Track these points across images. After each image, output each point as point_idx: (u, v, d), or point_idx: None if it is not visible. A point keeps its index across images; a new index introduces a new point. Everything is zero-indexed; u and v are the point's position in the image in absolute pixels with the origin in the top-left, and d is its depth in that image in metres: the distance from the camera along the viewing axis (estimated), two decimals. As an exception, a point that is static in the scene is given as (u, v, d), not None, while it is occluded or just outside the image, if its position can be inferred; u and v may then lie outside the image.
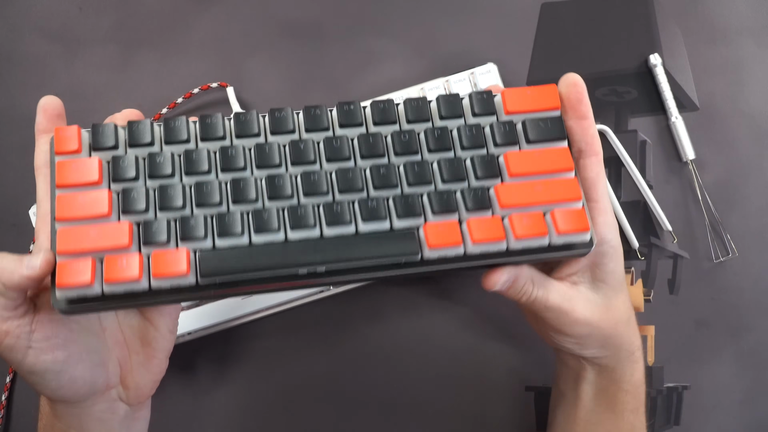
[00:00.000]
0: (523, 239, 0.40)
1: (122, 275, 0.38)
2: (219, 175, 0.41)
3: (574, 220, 0.41)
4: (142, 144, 0.41)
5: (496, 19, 0.62)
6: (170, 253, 0.39)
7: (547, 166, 0.42)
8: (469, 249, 0.41)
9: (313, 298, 0.58)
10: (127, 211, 0.39)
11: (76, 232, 0.38)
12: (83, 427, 0.43)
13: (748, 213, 0.60)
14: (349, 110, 0.42)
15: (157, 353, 0.44)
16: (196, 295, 0.40)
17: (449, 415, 0.58)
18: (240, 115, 0.42)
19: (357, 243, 0.40)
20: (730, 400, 0.58)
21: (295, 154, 0.41)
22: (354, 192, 0.41)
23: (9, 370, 0.57)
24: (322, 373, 0.58)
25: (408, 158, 0.42)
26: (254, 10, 0.63)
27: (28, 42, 0.62)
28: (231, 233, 0.39)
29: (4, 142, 0.61)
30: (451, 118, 0.43)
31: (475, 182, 0.42)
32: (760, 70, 0.62)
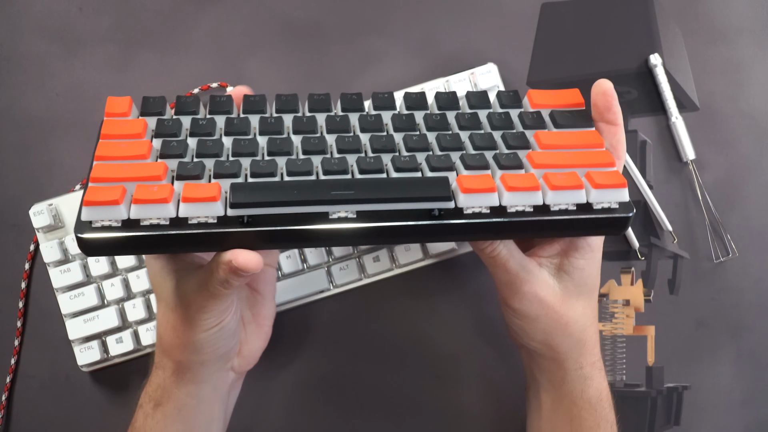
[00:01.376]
0: (559, 191, 0.39)
1: (151, 196, 0.37)
2: (258, 137, 0.43)
3: (610, 177, 0.40)
4: (188, 112, 0.44)
5: (496, 19, 0.62)
6: (202, 184, 0.39)
7: (577, 142, 0.42)
8: (504, 199, 0.39)
9: (313, 299, 0.58)
10: (165, 155, 0.40)
11: (113, 167, 0.39)
12: (200, 395, 0.46)
13: (748, 213, 0.60)
14: (384, 97, 0.45)
15: (265, 320, 0.49)
16: (223, 234, 0.38)
17: (449, 415, 0.58)
18: (282, 96, 0.45)
19: (389, 184, 0.39)
20: (730, 400, 0.59)
21: (331, 124, 0.43)
22: (387, 152, 0.42)
23: (9, 369, 0.58)
24: (322, 373, 0.58)
25: (440, 132, 0.43)
26: (254, 10, 0.63)
27: (28, 42, 0.62)
28: (264, 174, 0.39)
29: (4, 142, 0.61)
30: (480, 108, 0.45)
31: (506, 150, 0.42)
32: (760, 70, 0.62)
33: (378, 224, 0.39)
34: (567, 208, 0.40)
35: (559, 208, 0.40)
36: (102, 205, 0.37)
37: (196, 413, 0.46)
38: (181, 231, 0.38)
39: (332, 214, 0.38)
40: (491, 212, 0.39)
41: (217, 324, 0.43)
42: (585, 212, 0.40)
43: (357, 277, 0.57)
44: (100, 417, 0.58)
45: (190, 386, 0.45)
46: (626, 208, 0.40)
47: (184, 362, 0.45)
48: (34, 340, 0.58)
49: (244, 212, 0.38)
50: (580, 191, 0.40)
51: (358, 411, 0.58)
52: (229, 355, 0.46)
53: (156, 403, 0.46)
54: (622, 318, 0.59)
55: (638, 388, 0.59)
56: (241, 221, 0.38)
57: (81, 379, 0.58)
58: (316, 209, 0.38)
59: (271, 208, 0.38)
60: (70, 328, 0.56)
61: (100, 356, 0.56)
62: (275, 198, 0.38)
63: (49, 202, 0.56)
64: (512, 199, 0.39)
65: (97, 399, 0.58)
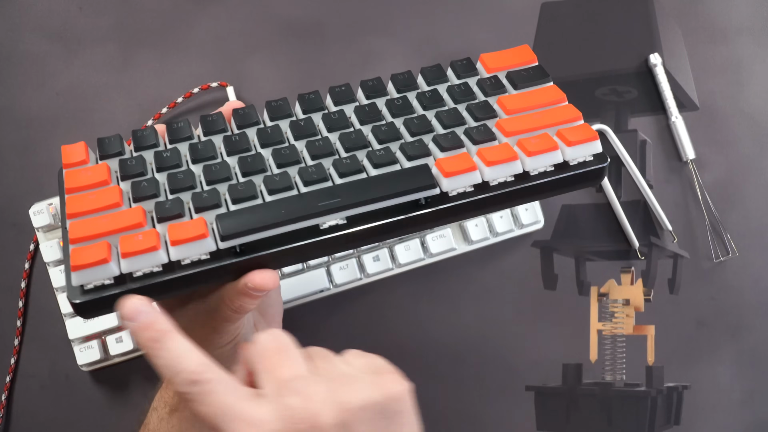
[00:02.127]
0: (536, 156, 0.40)
1: (139, 247, 0.36)
2: (227, 159, 0.42)
3: (581, 132, 0.41)
4: (147, 146, 0.42)
5: (496, 19, 0.62)
6: (186, 223, 0.38)
7: (540, 101, 0.43)
8: (486, 174, 0.40)
9: (313, 298, 0.58)
10: (138, 198, 0.39)
11: (89, 222, 0.38)
12: None
13: (748, 213, 0.60)
14: (341, 90, 0.45)
15: (275, 318, 0.48)
16: (220, 268, 0.37)
17: (449, 415, 0.58)
18: (239, 110, 0.44)
19: (372, 184, 0.39)
20: (730, 400, 0.58)
21: (296, 130, 0.42)
22: (360, 148, 0.41)
23: (9, 369, 0.58)
24: (322, 373, 0.58)
25: (406, 117, 0.43)
26: (254, 10, 0.63)
27: (28, 42, 0.62)
28: (245, 198, 0.38)
29: (4, 142, 0.61)
30: (438, 82, 0.45)
31: (474, 123, 0.43)
32: (760, 70, 0.62)
33: (369, 225, 0.39)
34: (546, 170, 0.41)
35: (538, 172, 0.41)
36: (91, 266, 0.36)
37: None
38: (177, 275, 0.37)
39: (323, 224, 0.38)
40: (475, 190, 0.40)
41: (231, 341, 0.43)
42: (564, 171, 0.41)
43: (357, 277, 0.57)
44: (100, 417, 0.58)
45: None
46: (601, 159, 0.41)
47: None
48: (34, 340, 0.58)
49: (235, 242, 0.37)
50: (556, 152, 0.41)
51: (358, 411, 0.58)
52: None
53: (172, 408, 0.45)
54: (622, 317, 0.59)
55: (638, 388, 0.59)
56: (234, 251, 0.38)
57: (81, 379, 0.58)
58: (306, 224, 0.38)
59: (262, 233, 0.37)
60: (70, 328, 0.56)
61: (100, 356, 0.56)
62: (264, 222, 0.37)
63: (49, 202, 0.56)
64: (493, 173, 0.40)
65: (97, 399, 0.58)
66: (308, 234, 0.38)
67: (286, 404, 0.33)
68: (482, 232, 0.57)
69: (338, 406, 0.33)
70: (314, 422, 0.33)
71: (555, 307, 0.59)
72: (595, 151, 0.41)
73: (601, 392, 0.59)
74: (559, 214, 0.60)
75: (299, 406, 0.33)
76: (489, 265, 0.60)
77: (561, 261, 0.60)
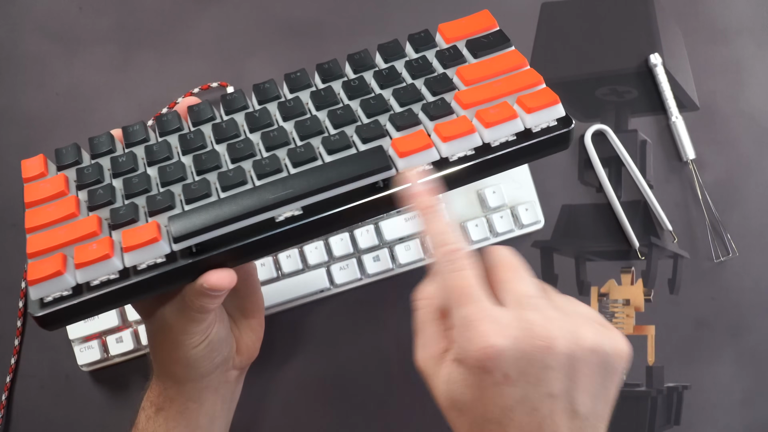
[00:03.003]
0: (494, 126, 0.38)
1: (92, 257, 0.36)
2: (182, 158, 0.41)
3: (542, 97, 0.39)
4: (103, 152, 0.42)
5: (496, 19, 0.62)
6: (139, 228, 0.37)
7: (500, 67, 0.41)
8: (443, 151, 0.39)
9: (313, 298, 0.58)
10: (93, 206, 0.39)
11: (46, 236, 0.38)
12: (201, 398, 0.45)
13: (748, 213, 0.60)
14: (296, 77, 0.44)
15: (255, 312, 0.49)
16: (176, 270, 0.37)
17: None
18: (194, 106, 0.43)
19: (326, 170, 0.38)
20: (730, 400, 0.58)
21: (252, 122, 0.42)
22: (314, 135, 0.40)
23: (9, 369, 0.58)
24: (322, 373, 0.58)
25: (362, 98, 0.42)
26: (254, 10, 0.63)
27: (28, 42, 0.62)
28: (198, 197, 0.38)
29: (4, 142, 0.61)
30: (396, 59, 0.44)
31: (432, 98, 0.41)
32: (760, 70, 0.62)
33: (326, 213, 0.38)
34: (508, 140, 0.39)
35: (499, 142, 0.39)
36: (47, 280, 0.36)
37: (198, 415, 0.46)
38: (134, 280, 0.37)
39: (278, 217, 0.38)
40: (434, 167, 0.39)
41: (203, 340, 0.43)
42: (527, 139, 0.39)
43: (357, 277, 0.57)
44: (100, 417, 0.58)
45: (192, 392, 0.45)
46: (565, 122, 0.39)
47: (184, 375, 0.44)
48: (34, 340, 0.58)
49: (190, 243, 0.37)
50: (515, 121, 0.39)
51: (358, 411, 0.58)
52: (227, 358, 0.46)
53: (158, 407, 0.46)
54: (623, 317, 0.59)
55: (638, 388, 0.59)
56: (190, 252, 0.37)
57: (81, 379, 0.58)
58: (260, 218, 0.37)
59: (216, 231, 0.37)
60: (70, 328, 0.56)
61: (100, 356, 0.56)
62: (216, 220, 0.36)
63: (49, 202, 0.56)
64: (451, 148, 0.39)
65: (97, 399, 0.58)
66: (264, 227, 0.37)
67: (527, 317, 0.34)
68: (482, 232, 0.57)
69: (573, 338, 0.34)
70: (550, 343, 0.33)
71: (555, 307, 0.59)
72: (558, 115, 0.40)
73: (601, 392, 0.59)
74: (559, 215, 0.60)
75: (539, 324, 0.34)
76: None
77: (561, 261, 0.60)
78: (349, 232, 0.57)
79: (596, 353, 0.34)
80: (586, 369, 0.34)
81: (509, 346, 0.33)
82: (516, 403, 0.33)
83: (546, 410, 0.33)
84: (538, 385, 0.33)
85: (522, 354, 0.33)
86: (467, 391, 0.34)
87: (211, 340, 0.43)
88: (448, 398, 0.35)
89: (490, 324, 0.33)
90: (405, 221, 0.57)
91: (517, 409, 0.33)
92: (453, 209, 0.58)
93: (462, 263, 0.35)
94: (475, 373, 0.33)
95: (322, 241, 0.57)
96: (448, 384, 0.35)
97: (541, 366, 0.33)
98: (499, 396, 0.33)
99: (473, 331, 0.33)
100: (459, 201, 0.58)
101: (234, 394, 0.50)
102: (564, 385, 0.33)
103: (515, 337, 0.33)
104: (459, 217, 0.58)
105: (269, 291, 0.56)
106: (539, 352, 0.33)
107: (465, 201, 0.58)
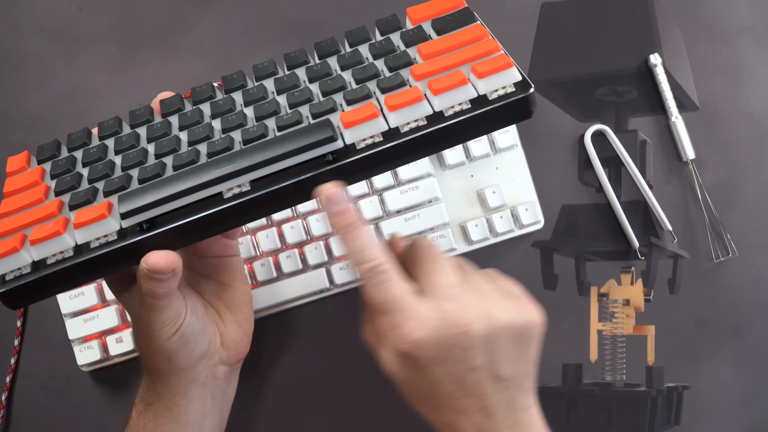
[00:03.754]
0: (443, 93, 0.38)
1: (45, 233, 0.37)
2: (147, 146, 0.42)
3: (495, 62, 0.38)
4: (78, 146, 0.43)
5: (496, 19, 0.62)
6: (91, 207, 0.38)
7: (461, 40, 0.41)
8: (391, 120, 0.38)
9: (313, 299, 0.58)
10: (59, 191, 0.40)
11: (12, 219, 0.40)
12: (189, 394, 0.46)
13: (748, 213, 0.60)
14: (262, 66, 0.45)
15: (241, 307, 0.49)
16: (126, 247, 0.38)
17: (449, 415, 0.58)
18: (165, 100, 0.45)
19: (272, 144, 0.38)
20: (730, 400, 0.58)
21: (215, 109, 0.43)
22: (270, 116, 0.40)
23: (9, 369, 0.58)
24: (322, 373, 0.58)
25: (321, 80, 0.42)
26: (254, 10, 0.63)
27: (28, 42, 0.62)
28: (151, 177, 0.39)
29: (4, 142, 0.61)
30: (360, 43, 0.44)
31: (389, 74, 0.41)
32: (760, 70, 0.62)
33: (275, 187, 0.38)
34: (462, 108, 0.38)
35: (453, 111, 0.38)
36: (4, 256, 0.37)
37: (187, 411, 0.46)
38: (87, 256, 0.38)
39: (226, 192, 0.38)
40: (384, 138, 0.38)
41: (175, 332, 0.43)
42: (482, 105, 0.38)
43: (357, 277, 0.57)
44: (100, 417, 0.58)
45: (177, 387, 0.45)
46: (523, 87, 0.38)
47: (165, 368, 0.45)
48: (34, 340, 0.58)
49: (138, 219, 0.37)
50: (466, 86, 0.38)
51: (358, 411, 0.58)
52: (209, 351, 0.46)
53: (147, 403, 0.46)
54: (622, 318, 0.59)
55: (638, 388, 0.59)
56: (140, 228, 0.38)
57: (81, 379, 0.58)
58: (207, 192, 0.38)
59: (163, 206, 0.37)
60: (70, 328, 0.56)
61: (100, 356, 0.56)
62: (162, 195, 0.37)
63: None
64: (399, 117, 0.38)
65: (97, 399, 0.58)
66: (213, 203, 0.38)
67: (444, 308, 0.39)
68: (482, 232, 0.57)
69: (488, 321, 0.39)
70: (466, 329, 0.39)
71: (555, 308, 0.59)
72: (514, 80, 0.38)
73: (601, 392, 0.59)
74: (559, 215, 0.60)
75: (456, 313, 0.39)
76: (489, 265, 0.59)
77: (561, 261, 0.60)
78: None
79: (510, 328, 0.40)
80: (503, 342, 0.39)
81: (431, 337, 0.39)
82: (443, 378, 0.39)
83: (470, 380, 0.39)
84: (461, 362, 0.39)
85: (443, 341, 0.39)
86: (401, 371, 0.40)
87: (184, 332, 0.43)
88: (388, 372, 0.41)
89: (412, 321, 0.39)
90: (405, 221, 0.57)
91: (445, 382, 0.39)
92: (453, 209, 0.58)
93: (381, 277, 0.39)
94: (405, 360, 0.40)
95: (322, 242, 0.57)
96: (387, 363, 0.41)
97: (461, 348, 0.39)
98: (428, 374, 0.39)
99: (399, 330, 0.39)
100: (459, 201, 0.58)
101: (226, 392, 0.50)
102: (484, 358, 0.39)
103: (435, 328, 0.39)
104: (459, 217, 0.58)
105: (269, 291, 0.56)
106: (457, 337, 0.39)
107: (465, 201, 0.58)
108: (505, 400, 0.40)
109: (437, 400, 0.40)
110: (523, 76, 0.39)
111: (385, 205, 0.57)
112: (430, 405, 0.41)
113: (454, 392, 0.40)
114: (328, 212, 0.39)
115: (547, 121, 0.60)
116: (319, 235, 0.56)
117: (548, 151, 0.60)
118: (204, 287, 0.48)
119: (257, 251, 0.57)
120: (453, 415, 0.40)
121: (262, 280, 0.56)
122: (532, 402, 0.42)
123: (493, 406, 0.40)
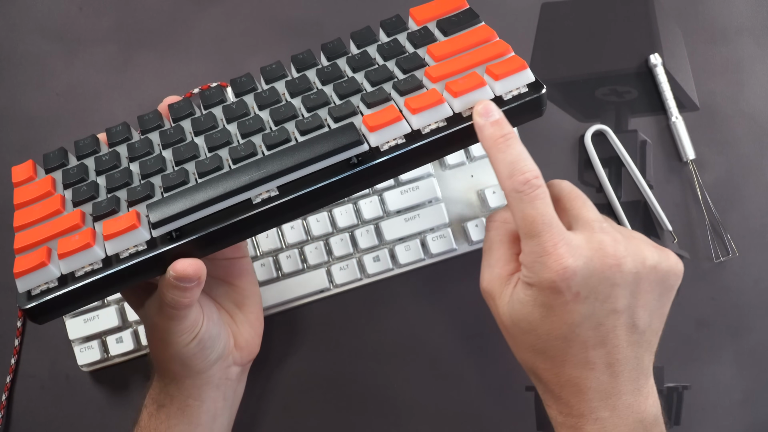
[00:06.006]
0: (463, 95, 0.39)
1: (74, 246, 0.37)
2: (163, 153, 0.42)
3: (509, 64, 0.40)
4: (87, 153, 0.43)
5: (496, 19, 0.62)
6: (119, 217, 0.38)
7: (470, 42, 0.42)
8: (414, 123, 0.39)
9: (313, 299, 0.58)
10: (77, 202, 0.40)
11: (32, 232, 0.39)
12: (201, 396, 0.46)
13: (748, 213, 0.60)
14: (271, 69, 0.45)
15: (252, 308, 0.49)
16: (157, 256, 0.38)
17: (449, 415, 0.58)
18: (174, 104, 0.44)
19: (298, 149, 0.38)
20: (730, 400, 0.59)
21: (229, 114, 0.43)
22: (288, 120, 0.41)
23: (9, 369, 0.58)
24: (322, 373, 0.58)
25: (335, 82, 0.43)
26: (254, 10, 0.63)
27: (28, 42, 0.62)
28: (176, 185, 0.39)
29: (4, 142, 0.61)
30: (368, 44, 0.45)
31: (403, 75, 0.42)
32: (760, 70, 0.62)
33: (303, 191, 0.38)
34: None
35: (471, 112, 0.40)
36: (32, 271, 0.37)
37: (199, 412, 0.46)
38: (117, 268, 0.37)
39: (255, 198, 0.38)
40: (407, 140, 0.39)
41: (192, 339, 0.43)
42: (499, 106, 0.40)
43: (357, 277, 0.57)
44: (100, 417, 0.58)
45: (191, 390, 0.46)
46: (536, 88, 0.40)
47: (180, 372, 0.45)
48: (34, 340, 0.58)
49: (169, 228, 0.37)
50: (484, 88, 0.39)
51: (358, 411, 0.58)
52: (224, 354, 0.47)
53: (159, 405, 0.46)
54: (622, 318, 0.59)
55: (638, 388, 0.59)
56: (170, 237, 0.38)
57: (81, 379, 0.58)
58: (237, 199, 0.38)
59: (193, 215, 0.37)
60: (70, 328, 0.56)
61: (100, 356, 0.56)
62: (192, 203, 0.37)
63: (49, 202, 0.56)
64: (421, 120, 0.39)
65: (97, 399, 0.58)
66: (242, 209, 0.38)
67: (597, 238, 0.37)
68: (482, 232, 0.57)
69: (639, 258, 0.38)
70: (619, 262, 0.37)
71: (555, 307, 0.59)
72: (527, 81, 0.40)
73: (601, 392, 0.59)
74: (559, 214, 0.60)
75: (609, 244, 0.37)
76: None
77: (561, 261, 0.60)
78: (349, 233, 0.57)
79: (657, 271, 0.38)
80: (647, 286, 0.38)
81: (582, 266, 0.36)
82: (583, 319, 0.37)
83: (610, 325, 0.37)
84: (606, 301, 0.37)
85: (593, 272, 0.36)
86: (535, 311, 0.37)
87: (201, 338, 0.43)
88: (512, 318, 0.38)
89: (564, 247, 0.36)
90: (405, 221, 0.57)
91: (584, 325, 0.37)
92: (453, 209, 0.58)
93: (537, 192, 0.37)
94: (546, 294, 0.37)
95: (322, 242, 0.57)
96: (515, 304, 0.38)
97: (609, 284, 0.37)
98: (567, 313, 0.37)
99: (549, 256, 0.36)
100: (459, 201, 0.58)
101: (236, 391, 0.50)
102: (627, 301, 0.37)
103: (587, 257, 0.36)
104: (459, 217, 0.58)
105: (269, 291, 0.56)
106: (609, 269, 0.37)
107: (465, 201, 0.58)
108: (634, 357, 0.38)
109: (567, 349, 0.38)
110: (535, 77, 0.40)
111: (385, 205, 0.57)
112: (555, 356, 0.38)
113: (589, 339, 0.37)
114: (483, 124, 0.38)
115: (547, 121, 0.61)
116: (319, 235, 0.56)
117: (548, 151, 0.60)
118: (215, 289, 0.48)
119: (257, 251, 0.57)
120: (578, 370, 0.38)
121: (262, 280, 0.56)
122: (652, 372, 0.40)
123: (621, 363, 0.38)
